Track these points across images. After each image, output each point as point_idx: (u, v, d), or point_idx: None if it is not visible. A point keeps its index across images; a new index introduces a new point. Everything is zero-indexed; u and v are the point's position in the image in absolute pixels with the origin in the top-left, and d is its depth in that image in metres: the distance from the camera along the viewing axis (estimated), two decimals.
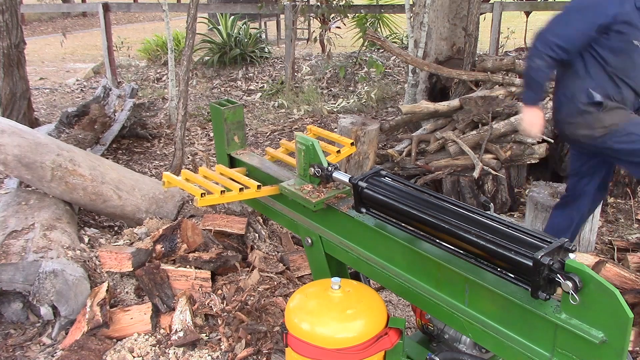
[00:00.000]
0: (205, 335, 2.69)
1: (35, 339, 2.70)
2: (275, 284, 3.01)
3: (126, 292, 2.89)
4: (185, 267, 2.93)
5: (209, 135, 6.21)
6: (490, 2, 7.31)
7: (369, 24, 9.63)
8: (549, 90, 3.02)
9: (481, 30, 5.84)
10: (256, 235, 3.39)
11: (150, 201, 3.54)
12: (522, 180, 4.62)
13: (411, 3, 6.45)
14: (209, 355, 2.57)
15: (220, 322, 2.74)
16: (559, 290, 1.33)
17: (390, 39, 9.77)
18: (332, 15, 8.16)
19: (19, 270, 2.69)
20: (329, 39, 8.01)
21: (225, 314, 2.77)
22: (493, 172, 4.06)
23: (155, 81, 8.68)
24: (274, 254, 3.33)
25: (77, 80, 9.10)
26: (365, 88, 7.60)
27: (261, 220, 3.52)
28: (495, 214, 1.60)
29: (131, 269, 2.87)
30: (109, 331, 2.62)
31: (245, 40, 9.06)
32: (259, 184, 2.05)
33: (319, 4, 7.78)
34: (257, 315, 2.75)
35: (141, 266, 2.89)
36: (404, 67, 8.08)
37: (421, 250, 1.66)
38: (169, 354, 2.57)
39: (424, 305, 1.73)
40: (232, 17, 9.55)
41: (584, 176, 2.97)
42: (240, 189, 2.00)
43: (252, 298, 2.85)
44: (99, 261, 2.94)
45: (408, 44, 6.40)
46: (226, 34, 9.07)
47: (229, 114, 2.32)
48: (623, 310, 1.24)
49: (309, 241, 2.07)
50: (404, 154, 4.49)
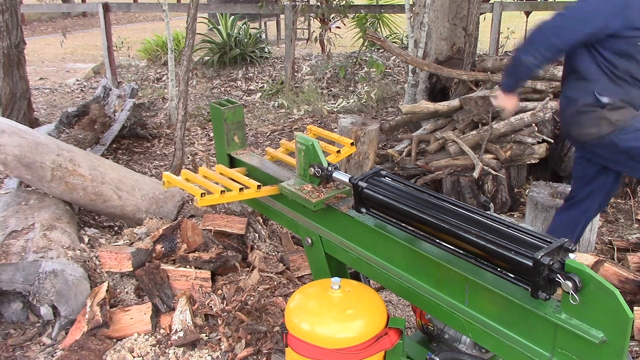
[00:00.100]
0: (205, 335, 2.69)
1: (35, 339, 2.70)
2: (275, 284, 3.01)
3: (126, 292, 2.89)
4: (185, 267, 2.93)
5: (209, 135, 6.21)
6: (490, 2, 7.31)
7: (369, 24, 9.62)
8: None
9: (481, 30, 5.84)
10: (256, 235, 3.39)
11: (150, 201, 3.54)
12: (522, 180, 4.62)
13: (411, 3, 6.45)
14: (209, 355, 2.57)
15: (220, 322, 2.74)
16: (559, 290, 1.33)
17: (390, 39, 9.77)
18: (332, 15, 8.16)
19: (19, 270, 2.69)
20: (329, 39, 8.01)
21: (225, 314, 2.77)
22: (493, 172, 4.06)
23: (155, 81, 8.68)
24: (274, 254, 3.33)
25: (77, 80, 9.10)
26: (365, 88, 7.60)
27: (261, 220, 3.52)
28: (495, 214, 1.60)
29: (131, 269, 2.87)
30: (109, 331, 2.62)
31: (245, 40, 9.06)
32: (259, 184, 2.05)
33: (319, 4, 7.78)
34: (257, 315, 2.75)
35: (141, 266, 2.89)
36: (404, 67, 8.08)
37: (421, 250, 1.66)
38: (169, 354, 2.57)
39: (424, 305, 1.73)
40: (232, 17, 9.55)
41: (589, 183, 2.93)
42: (240, 189, 2.00)
43: (252, 298, 2.85)
44: (99, 261, 2.94)
45: (408, 44, 6.40)
46: (226, 34, 9.07)
47: (229, 114, 2.32)
48: (623, 310, 1.24)
49: (309, 241, 2.07)
50: (404, 154, 4.49)
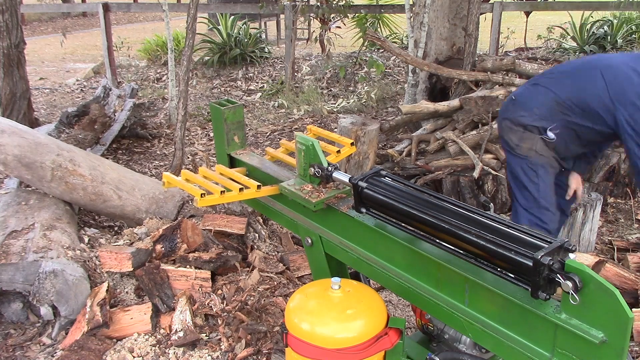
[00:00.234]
0: (205, 335, 2.69)
1: (35, 339, 2.70)
2: (275, 284, 3.01)
3: (126, 292, 2.89)
4: (185, 267, 2.93)
5: (209, 135, 6.21)
6: (490, 2, 7.32)
7: (369, 24, 9.62)
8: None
9: (481, 30, 5.84)
10: (256, 235, 3.39)
11: (150, 201, 3.54)
12: None
13: (411, 3, 6.45)
14: (209, 355, 2.57)
15: (220, 322, 2.74)
16: (559, 290, 1.33)
17: (390, 39, 9.77)
18: (332, 15, 8.16)
19: (19, 270, 2.69)
20: (329, 39, 8.01)
21: (225, 314, 2.77)
22: (493, 172, 4.06)
23: (155, 81, 8.68)
24: (274, 254, 3.33)
25: (77, 80, 9.10)
26: (365, 88, 7.60)
27: (261, 220, 3.52)
28: (495, 214, 1.60)
29: (131, 269, 2.87)
30: (109, 331, 2.62)
31: (245, 40, 9.06)
32: (259, 184, 2.05)
33: (319, 4, 7.78)
34: (257, 315, 2.75)
35: (141, 266, 2.89)
36: (404, 67, 8.07)
37: (421, 250, 1.66)
38: (169, 354, 2.57)
39: (424, 305, 1.72)
40: (232, 17, 9.55)
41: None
42: (240, 189, 2.00)
43: (252, 298, 2.85)
44: (99, 261, 2.94)
45: (408, 44, 6.39)
46: (226, 34, 9.07)
47: (229, 114, 2.32)
48: (623, 310, 1.24)
49: (309, 241, 2.07)
50: (404, 154, 4.49)
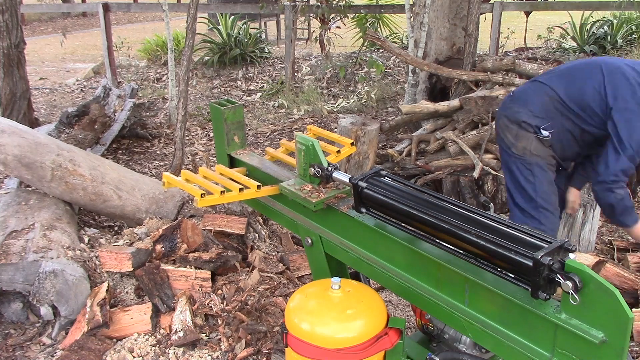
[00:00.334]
0: (205, 335, 2.69)
1: (35, 339, 2.69)
2: (275, 284, 3.01)
3: (126, 292, 2.89)
4: (185, 267, 2.93)
5: (209, 135, 6.21)
6: (490, 2, 7.32)
7: (369, 24, 9.62)
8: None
9: (481, 30, 5.84)
10: (256, 235, 3.39)
11: (150, 201, 3.54)
12: None
13: (411, 3, 6.45)
14: (209, 355, 2.57)
15: (220, 322, 2.74)
16: (559, 290, 1.33)
17: (390, 39, 9.77)
18: (332, 15, 8.16)
19: (19, 270, 2.69)
20: (329, 39, 8.01)
21: (225, 314, 2.77)
22: (493, 172, 4.06)
23: (155, 81, 8.68)
24: (274, 254, 3.33)
25: (77, 80, 9.10)
26: (365, 88, 7.60)
27: (261, 220, 3.52)
28: (495, 214, 1.60)
29: (131, 269, 2.87)
30: (109, 331, 2.62)
31: (245, 40, 9.06)
32: (259, 184, 2.05)
33: (319, 4, 7.78)
34: (257, 315, 2.75)
35: (141, 266, 2.89)
36: (404, 67, 8.07)
37: (421, 250, 1.66)
38: (169, 354, 2.57)
39: (424, 305, 1.73)
40: (232, 17, 9.55)
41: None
42: (240, 189, 2.00)
43: (252, 298, 2.85)
44: (99, 261, 2.94)
45: (408, 44, 6.40)
46: (226, 34, 9.07)
47: (229, 114, 2.32)
48: (623, 310, 1.24)
49: (309, 241, 2.07)
50: (404, 154, 4.48)
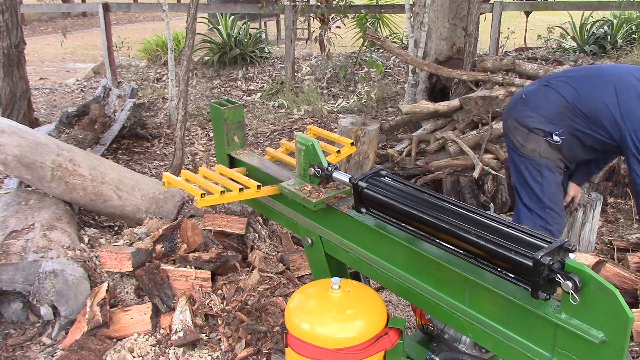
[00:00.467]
0: (205, 335, 2.69)
1: (35, 339, 2.69)
2: (275, 284, 3.01)
3: (126, 292, 2.89)
4: (185, 267, 2.93)
5: (209, 135, 6.21)
6: (490, 2, 7.32)
7: (369, 24, 9.62)
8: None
9: (481, 30, 5.84)
10: (256, 235, 3.39)
11: (150, 201, 3.54)
12: None
13: (411, 3, 6.45)
14: (209, 355, 2.57)
15: (220, 322, 2.74)
16: (559, 290, 1.33)
17: (390, 39, 9.77)
18: (332, 15, 8.16)
19: (19, 270, 2.69)
20: (329, 39, 8.00)
21: (225, 314, 2.77)
22: (493, 172, 4.06)
23: (155, 81, 8.68)
24: (274, 254, 3.33)
25: (77, 80, 9.10)
26: (365, 88, 7.60)
27: (261, 220, 3.52)
28: (495, 214, 1.60)
29: (131, 269, 2.87)
30: (109, 331, 2.62)
31: (245, 40, 9.06)
32: (259, 184, 2.05)
33: (319, 4, 7.78)
34: (257, 315, 2.75)
35: (141, 266, 2.89)
36: (404, 67, 8.07)
37: (421, 250, 1.66)
38: (169, 354, 2.57)
39: (424, 305, 1.72)
40: (232, 17, 9.55)
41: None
42: (240, 189, 1.99)
43: (252, 298, 2.85)
44: (99, 261, 2.94)
45: (408, 44, 6.40)
46: (226, 34, 9.07)
47: (229, 114, 2.32)
48: (623, 310, 1.24)
49: (309, 241, 2.07)
50: (404, 154, 4.48)
